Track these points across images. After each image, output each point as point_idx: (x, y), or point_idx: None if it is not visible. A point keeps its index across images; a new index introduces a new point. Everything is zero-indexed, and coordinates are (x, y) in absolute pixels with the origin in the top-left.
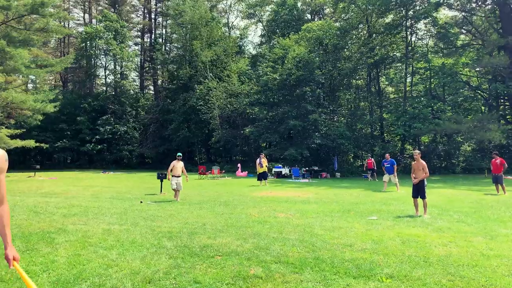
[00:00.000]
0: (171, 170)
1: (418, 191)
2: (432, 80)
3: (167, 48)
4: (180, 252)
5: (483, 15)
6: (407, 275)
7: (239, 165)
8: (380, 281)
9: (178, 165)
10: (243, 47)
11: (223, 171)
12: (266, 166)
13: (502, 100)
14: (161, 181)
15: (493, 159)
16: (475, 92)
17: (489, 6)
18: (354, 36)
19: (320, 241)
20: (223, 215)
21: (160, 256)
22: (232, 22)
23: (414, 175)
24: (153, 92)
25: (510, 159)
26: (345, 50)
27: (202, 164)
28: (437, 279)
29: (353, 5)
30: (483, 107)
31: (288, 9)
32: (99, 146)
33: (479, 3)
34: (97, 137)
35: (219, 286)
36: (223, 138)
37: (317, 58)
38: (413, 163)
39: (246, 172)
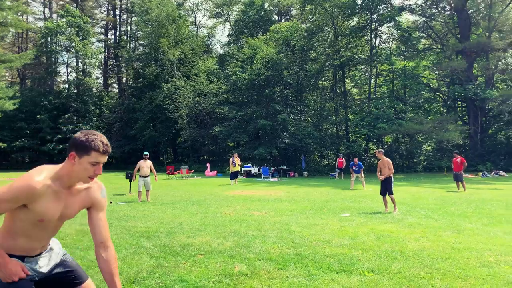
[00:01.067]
0: (138, 170)
1: (386, 188)
2: (395, 82)
3: (132, 46)
4: (161, 251)
5: (442, 20)
6: (387, 269)
7: (208, 164)
8: (362, 275)
9: (145, 165)
10: (210, 46)
11: (192, 171)
12: (239, 165)
13: (459, 102)
14: (130, 181)
15: (454, 158)
16: (435, 94)
17: (448, 12)
18: (321, 38)
19: (299, 238)
20: (197, 214)
21: (141, 256)
22: (200, 21)
23: (380, 173)
24: (117, 91)
25: (466, 158)
26: (312, 51)
27: (168, 164)
28: (416, 272)
29: (320, 8)
30: (442, 109)
31: (256, 10)
32: (61, 146)
33: (439, 9)
34: (59, 136)
35: (205, 284)
36: (190, 137)
37: (285, 59)
38: (378, 162)
39: (215, 171)
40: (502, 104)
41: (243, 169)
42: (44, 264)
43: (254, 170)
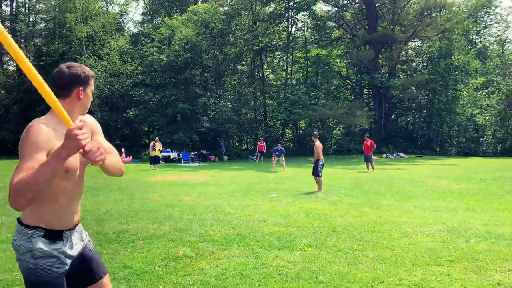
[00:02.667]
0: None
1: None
2: (309, 69)
3: (32, 20)
4: (95, 239)
5: (353, 11)
6: (323, 243)
7: (123, 150)
8: (302, 250)
9: None
10: (123, 24)
11: None
12: (159, 150)
13: (366, 90)
14: None
15: (365, 141)
16: (345, 82)
17: (358, 5)
18: (239, 23)
19: (236, 219)
20: (123, 201)
21: None
22: None
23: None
24: (15, 69)
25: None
26: (231, 35)
27: None
28: (349, 244)
29: None
30: (350, 96)
31: None
32: None
33: (350, 1)
34: None
35: (152, 269)
36: (102, 121)
37: (204, 42)
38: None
39: (131, 157)
40: (403, 92)
41: (162, 154)
42: (77, 241)
43: (173, 155)
